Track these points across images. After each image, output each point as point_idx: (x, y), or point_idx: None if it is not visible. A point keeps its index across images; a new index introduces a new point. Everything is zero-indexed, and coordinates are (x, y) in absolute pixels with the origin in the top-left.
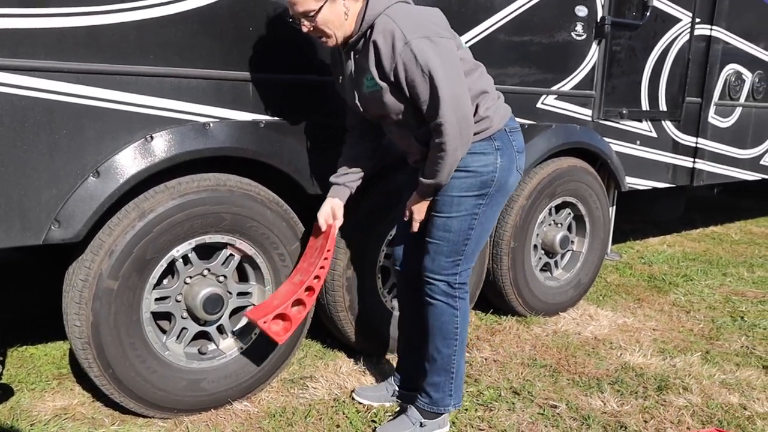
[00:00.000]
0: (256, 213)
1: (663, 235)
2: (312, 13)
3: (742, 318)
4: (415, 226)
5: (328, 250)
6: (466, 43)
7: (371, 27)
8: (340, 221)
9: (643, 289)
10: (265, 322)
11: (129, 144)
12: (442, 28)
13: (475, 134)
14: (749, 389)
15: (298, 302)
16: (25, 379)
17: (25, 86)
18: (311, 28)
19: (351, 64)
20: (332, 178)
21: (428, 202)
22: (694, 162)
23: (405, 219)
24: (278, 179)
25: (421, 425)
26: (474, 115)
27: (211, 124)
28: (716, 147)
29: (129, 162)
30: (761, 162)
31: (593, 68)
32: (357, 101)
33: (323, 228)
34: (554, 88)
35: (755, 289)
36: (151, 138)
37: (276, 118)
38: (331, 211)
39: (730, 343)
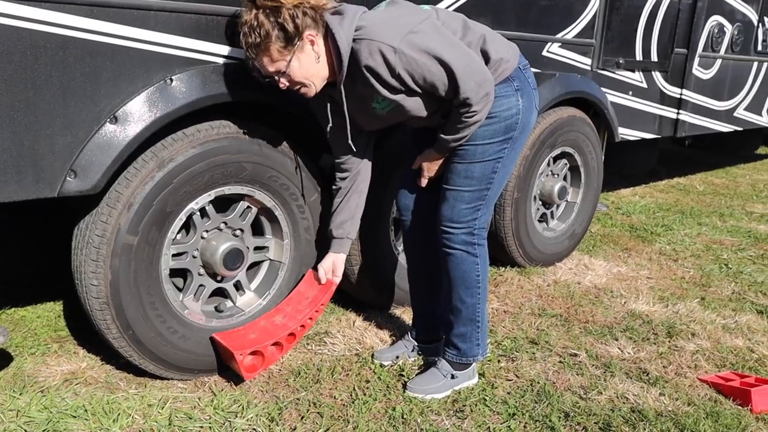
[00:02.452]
0: (277, 163)
1: (632, 187)
2: (284, 70)
3: (726, 266)
4: (424, 182)
5: (322, 305)
6: None
7: (352, 55)
8: (339, 279)
9: (627, 238)
10: (241, 355)
11: (147, 87)
12: (412, 14)
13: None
14: (750, 333)
15: (277, 344)
16: (22, 343)
17: (35, 19)
18: (288, 83)
19: (344, 100)
20: (334, 231)
21: (444, 158)
22: (678, 113)
23: (414, 170)
24: (288, 126)
25: (453, 377)
26: (488, 63)
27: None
28: (698, 98)
29: (149, 106)
30: (735, 114)
31: (595, 16)
32: (369, 127)
33: (323, 281)
34: (559, 35)
35: (731, 238)
36: (171, 80)
37: None
38: (332, 266)
39: (722, 290)
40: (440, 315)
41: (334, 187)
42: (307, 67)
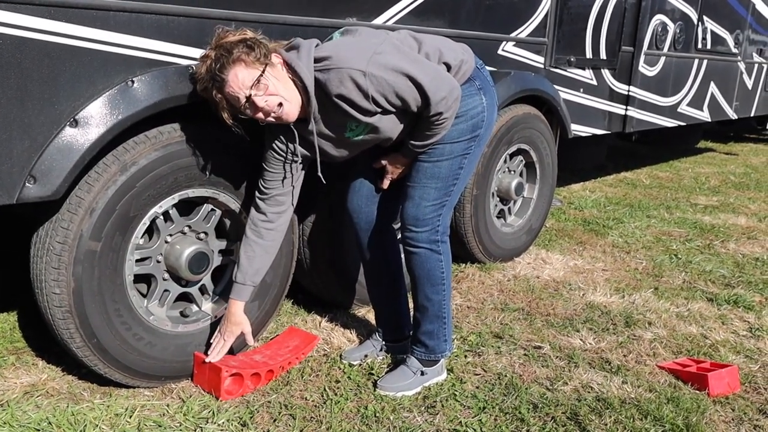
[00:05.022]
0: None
1: (582, 182)
2: (261, 79)
3: (676, 256)
4: (387, 184)
5: (303, 353)
6: None
7: (320, 87)
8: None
9: (581, 232)
10: (227, 372)
11: (108, 89)
12: (372, 37)
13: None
14: (703, 320)
15: (256, 375)
16: None
17: None
18: (265, 102)
19: (314, 131)
20: (249, 278)
21: (409, 160)
22: (626, 109)
23: (364, 170)
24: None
25: (422, 373)
26: (450, 71)
27: (195, 68)
28: (644, 95)
29: (110, 109)
30: (678, 109)
31: (546, 15)
32: (341, 157)
33: (229, 337)
34: (513, 34)
35: (678, 229)
36: (132, 82)
37: None
38: (242, 320)
39: (673, 280)
40: (403, 313)
41: (262, 218)
42: (284, 83)
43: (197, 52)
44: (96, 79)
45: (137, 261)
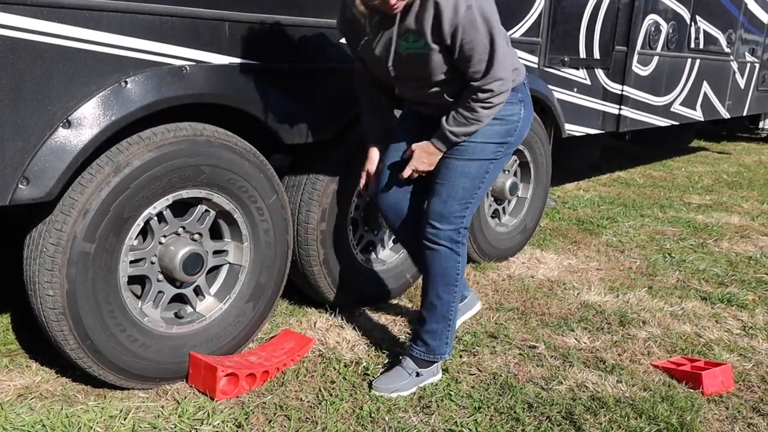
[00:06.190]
0: (234, 165)
1: (576, 181)
2: None
3: (670, 255)
4: (408, 173)
5: (299, 355)
6: None
7: None
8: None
9: (575, 231)
10: (222, 371)
11: (101, 90)
12: None
13: None
14: (697, 319)
15: (251, 375)
16: None
17: None
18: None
19: (392, 27)
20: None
21: (441, 153)
22: (620, 108)
23: (391, 166)
24: (245, 129)
25: (418, 374)
26: None
27: (188, 68)
28: (638, 94)
29: (103, 110)
30: (672, 109)
31: (540, 14)
32: (389, 64)
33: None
34: (508, 34)
35: (672, 228)
36: (126, 83)
37: (256, 62)
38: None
39: (667, 279)
40: None
41: (361, 91)
42: None
43: (191, 53)
44: (89, 80)
45: (131, 262)
